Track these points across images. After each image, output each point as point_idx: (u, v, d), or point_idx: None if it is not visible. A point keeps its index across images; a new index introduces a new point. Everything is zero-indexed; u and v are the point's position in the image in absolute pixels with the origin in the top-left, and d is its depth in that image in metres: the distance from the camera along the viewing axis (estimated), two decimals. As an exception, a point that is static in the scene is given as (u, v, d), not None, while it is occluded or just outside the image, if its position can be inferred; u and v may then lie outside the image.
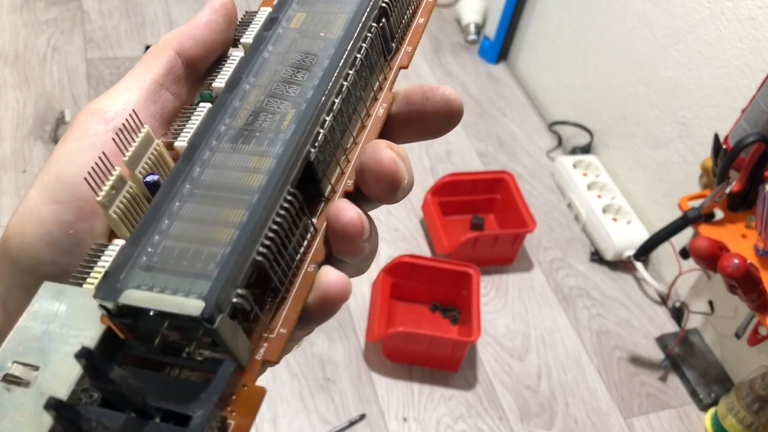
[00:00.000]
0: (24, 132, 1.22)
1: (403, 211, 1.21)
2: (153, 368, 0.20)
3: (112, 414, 0.18)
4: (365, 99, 0.26)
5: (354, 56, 0.25)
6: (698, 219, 0.85)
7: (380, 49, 0.27)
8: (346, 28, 0.25)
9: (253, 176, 0.21)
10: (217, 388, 0.18)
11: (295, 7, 0.26)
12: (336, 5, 0.26)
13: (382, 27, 0.27)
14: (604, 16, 1.23)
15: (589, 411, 0.99)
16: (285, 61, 0.25)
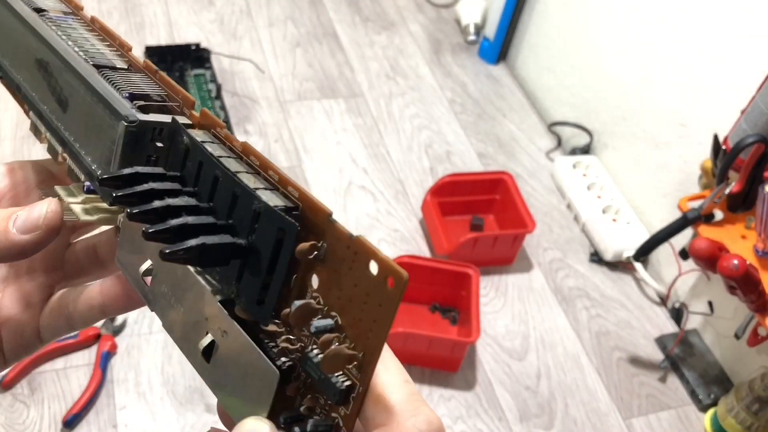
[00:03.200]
0: (24, 132, 1.22)
1: (402, 212, 1.21)
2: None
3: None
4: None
5: (47, 33, 0.29)
6: (698, 220, 0.85)
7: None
8: (32, 37, 0.30)
9: (82, 102, 0.27)
10: (177, 127, 0.25)
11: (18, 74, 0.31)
12: (20, 42, 0.31)
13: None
14: (604, 16, 1.23)
15: (589, 411, 0.99)
16: (38, 81, 0.29)
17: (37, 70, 0.30)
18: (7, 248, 0.26)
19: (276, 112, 1.35)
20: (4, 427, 0.86)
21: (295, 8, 1.60)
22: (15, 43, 0.31)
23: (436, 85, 1.47)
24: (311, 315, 0.21)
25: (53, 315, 0.31)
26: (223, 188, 0.23)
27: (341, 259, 0.20)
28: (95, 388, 0.90)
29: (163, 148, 0.25)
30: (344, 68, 1.47)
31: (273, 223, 0.21)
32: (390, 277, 0.19)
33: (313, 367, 0.21)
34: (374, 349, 0.20)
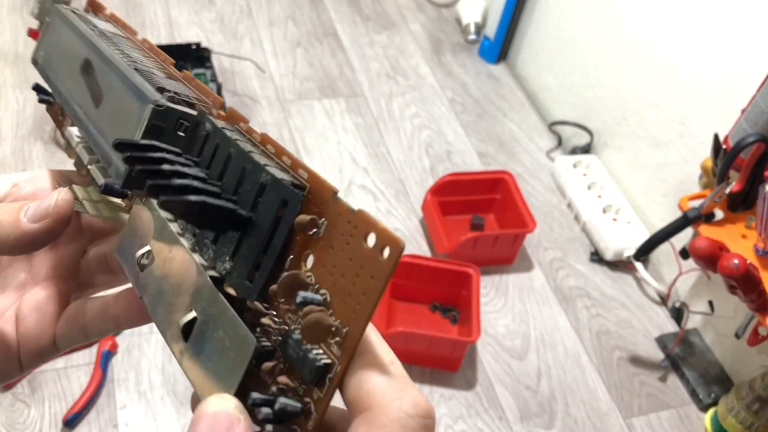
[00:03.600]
0: (24, 132, 1.22)
1: (403, 211, 1.21)
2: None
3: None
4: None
5: (95, 39, 0.31)
6: (698, 219, 0.85)
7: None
8: (81, 43, 0.32)
9: (117, 96, 0.29)
10: (202, 117, 0.26)
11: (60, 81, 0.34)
12: (71, 48, 0.33)
13: None
14: (604, 16, 1.23)
15: (589, 411, 0.99)
16: (78, 79, 0.31)
17: (80, 73, 0.31)
18: (19, 238, 0.26)
19: (276, 111, 1.35)
20: (5, 427, 0.86)
21: (295, 8, 1.60)
22: (67, 55, 0.33)
23: (437, 85, 1.47)
24: (299, 287, 0.21)
25: (69, 324, 0.31)
26: (233, 165, 0.23)
27: (340, 234, 0.20)
28: (96, 388, 0.90)
29: (184, 138, 0.26)
30: (345, 68, 1.47)
31: (277, 193, 0.21)
32: (385, 246, 0.19)
33: (292, 344, 0.20)
34: (359, 324, 0.19)
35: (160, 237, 0.25)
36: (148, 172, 0.22)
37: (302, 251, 0.21)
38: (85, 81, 0.31)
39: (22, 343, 0.30)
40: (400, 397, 0.19)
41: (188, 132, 0.26)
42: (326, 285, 0.20)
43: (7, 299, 0.30)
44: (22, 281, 0.31)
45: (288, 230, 0.21)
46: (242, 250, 0.22)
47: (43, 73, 0.35)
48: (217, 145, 0.24)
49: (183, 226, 0.24)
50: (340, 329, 0.19)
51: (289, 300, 0.21)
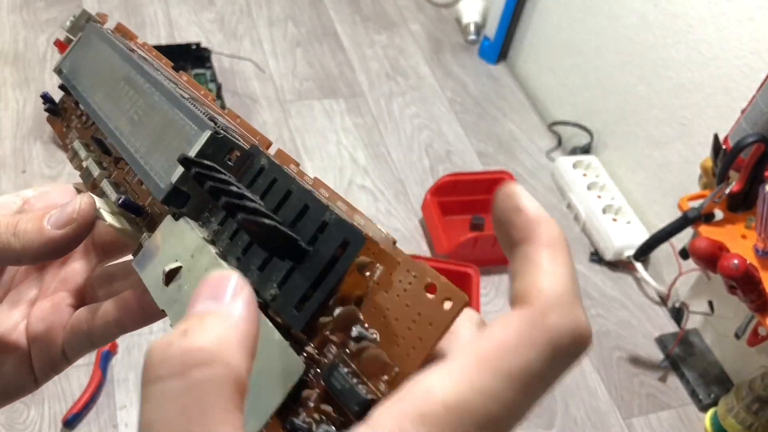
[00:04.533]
0: (24, 132, 1.22)
1: (402, 212, 1.21)
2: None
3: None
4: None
5: (136, 59, 0.33)
6: (698, 219, 0.85)
7: None
8: (122, 62, 0.33)
9: (159, 115, 0.29)
10: (257, 152, 0.26)
11: (91, 96, 0.34)
12: (105, 67, 0.34)
13: None
14: (604, 16, 1.23)
15: (589, 411, 0.99)
16: (117, 99, 0.32)
17: (116, 89, 0.32)
18: (43, 245, 0.26)
19: (276, 111, 1.35)
20: (4, 427, 0.86)
21: (295, 8, 1.60)
22: (101, 70, 0.33)
23: (437, 85, 1.47)
24: (353, 322, 0.21)
25: (74, 333, 0.31)
26: (294, 200, 0.23)
27: (397, 280, 0.20)
28: (95, 388, 0.90)
29: (232, 168, 0.26)
30: (344, 68, 1.47)
31: (340, 232, 0.21)
32: (447, 299, 0.19)
33: (339, 377, 0.20)
34: (411, 366, 0.19)
35: (196, 255, 0.25)
36: (219, 191, 0.22)
37: (351, 291, 0.21)
38: (121, 94, 0.31)
39: (34, 356, 0.31)
40: (565, 311, 0.18)
41: (236, 164, 0.26)
42: (377, 326, 0.21)
43: (20, 314, 0.31)
44: (34, 297, 0.32)
45: (346, 267, 0.21)
46: (293, 280, 0.22)
47: (68, 82, 0.36)
48: (275, 179, 0.24)
49: (225, 249, 0.25)
50: (391, 367, 0.20)
51: (339, 334, 0.21)
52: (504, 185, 0.21)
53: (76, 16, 0.38)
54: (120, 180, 0.32)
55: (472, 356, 0.17)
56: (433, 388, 0.17)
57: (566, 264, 0.20)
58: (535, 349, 0.18)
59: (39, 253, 0.27)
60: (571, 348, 0.19)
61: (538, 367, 0.18)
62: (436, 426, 0.16)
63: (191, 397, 0.17)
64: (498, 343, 0.18)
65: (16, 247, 0.27)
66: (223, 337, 0.18)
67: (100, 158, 0.33)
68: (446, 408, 0.16)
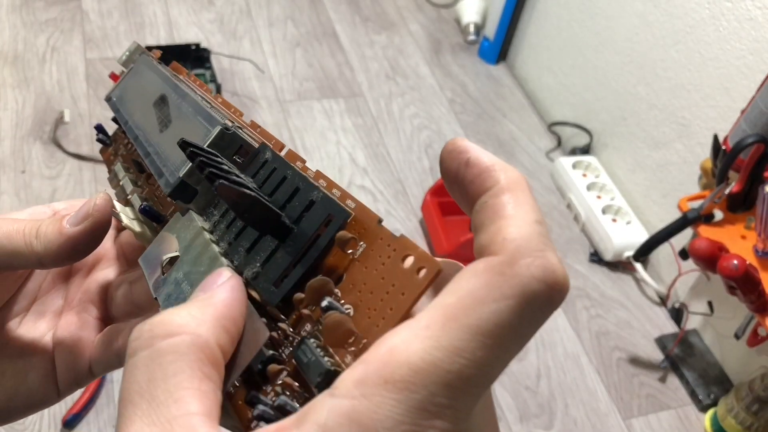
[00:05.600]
0: (23, 132, 1.22)
1: (402, 212, 1.21)
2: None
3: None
4: None
5: (172, 81, 0.34)
6: (698, 220, 0.85)
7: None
8: (159, 81, 0.35)
9: (183, 121, 0.30)
10: (264, 148, 0.27)
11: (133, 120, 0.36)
12: (147, 90, 0.36)
13: None
14: (604, 17, 1.23)
15: (589, 411, 0.99)
16: (150, 113, 0.33)
17: (153, 105, 0.33)
18: (63, 244, 0.27)
19: (276, 111, 1.35)
20: (4, 427, 0.86)
21: (295, 8, 1.60)
22: (144, 93, 0.35)
23: (436, 85, 1.47)
24: (326, 293, 0.21)
25: (103, 348, 0.31)
26: (287, 184, 0.24)
27: (377, 255, 0.20)
28: (95, 388, 0.90)
29: (240, 164, 0.27)
30: (344, 68, 1.47)
31: (324, 209, 0.22)
32: (421, 268, 0.19)
33: (306, 348, 0.20)
34: (379, 335, 0.19)
35: (192, 243, 0.25)
36: (207, 165, 0.23)
37: (332, 268, 0.21)
38: (155, 110, 0.33)
39: (59, 369, 0.30)
40: (535, 256, 0.17)
41: (246, 160, 0.27)
42: (351, 300, 0.20)
43: (45, 325, 0.31)
44: (59, 307, 0.32)
45: (326, 245, 0.21)
46: (275, 258, 0.22)
47: (114, 108, 0.37)
48: (274, 169, 0.25)
49: (219, 236, 0.25)
50: (359, 338, 0.19)
51: (313, 307, 0.21)
52: (448, 142, 0.20)
53: (130, 50, 0.40)
54: (150, 195, 0.33)
55: (439, 312, 0.16)
56: (397, 349, 0.16)
57: (530, 206, 0.18)
58: (506, 300, 0.16)
59: (60, 253, 0.27)
60: (544, 295, 0.17)
61: (509, 319, 0.16)
62: (402, 388, 0.15)
63: (156, 364, 0.17)
64: (464, 296, 0.16)
65: (38, 250, 0.27)
66: (196, 314, 0.19)
67: (136, 177, 0.34)
68: (411, 369, 0.15)
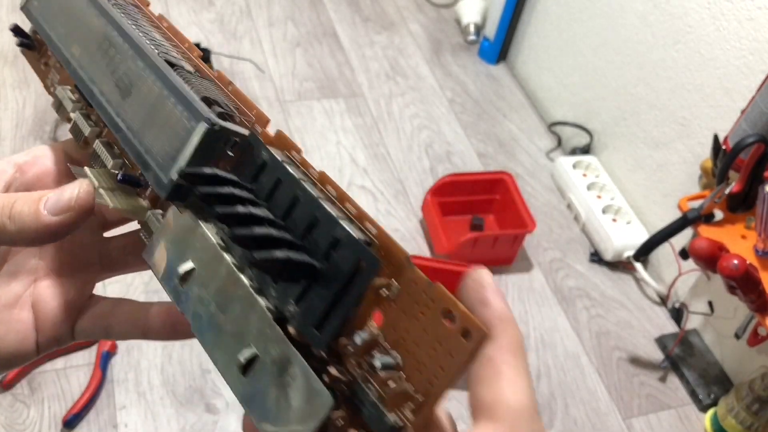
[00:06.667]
0: (23, 132, 1.22)
1: (402, 212, 1.21)
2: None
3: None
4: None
5: (117, 16, 0.29)
6: (698, 219, 0.85)
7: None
8: (98, 16, 0.30)
9: (151, 91, 0.27)
10: (257, 142, 0.25)
11: (67, 48, 0.31)
12: (81, 19, 0.30)
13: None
14: (604, 17, 1.23)
15: (589, 411, 0.99)
16: (97, 59, 0.29)
17: (97, 49, 0.29)
18: (40, 230, 0.26)
19: (276, 112, 1.35)
20: (4, 427, 0.86)
21: (295, 8, 1.60)
22: (75, 19, 0.31)
23: (436, 85, 1.47)
24: (374, 348, 0.21)
25: (93, 321, 0.31)
26: (301, 210, 0.23)
27: (414, 302, 0.20)
28: (95, 388, 0.90)
29: (233, 158, 0.26)
30: (344, 68, 1.47)
31: (353, 254, 0.21)
32: (466, 331, 0.19)
33: (369, 406, 0.20)
34: (435, 396, 0.20)
35: (212, 264, 0.24)
36: (224, 217, 0.22)
37: (370, 309, 0.21)
38: (101, 56, 0.29)
39: (40, 329, 0.30)
40: (530, 428, 0.20)
41: (237, 151, 0.26)
42: (399, 349, 0.21)
43: (21, 285, 0.30)
44: (34, 266, 0.31)
45: (363, 291, 0.21)
46: (311, 298, 0.22)
47: (40, 27, 0.32)
48: (279, 180, 0.24)
49: (240, 262, 0.24)
50: (416, 398, 0.20)
51: (361, 356, 0.21)
52: (474, 271, 0.22)
53: None
54: (112, 140, 0.30)
55: None
56: None
57: (526, 373, 0.21)
58: None
59: (35, 237, 0.26)
60: None
61: None
62: None
63: None
64: None
65: (11, 230, 0.26)
66: None
67: (87, 111, 0.31)
68: None
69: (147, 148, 0.26)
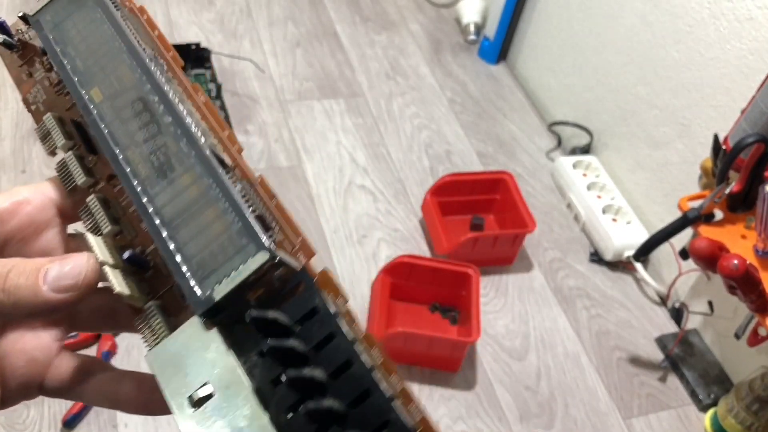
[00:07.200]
0: (23, 132, 1.22)
1: (402, 212, 1.21)
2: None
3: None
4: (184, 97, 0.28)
5: (159, 78, 0.27)
6: (698, 219, 0.85)
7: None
8: (133, 69, 0.27)
9: (195, 185, 0.24)
10: (310, 283, 0.23)
11: (86, 89, 0.28)
12: (109, 63, 0.28)
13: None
14: (604, 16, 1.23)
15: (589, 411, 0.99)
16: (126, 119, 0.26)
17: (127, 107, 0.26)
18: (39, 306, 0.23)
19: (276, 111, 1.35)
20: (4, 427, 0.86)
21: (295, 8, 1.60)
22: (101, 61, 0.27)
23: (436, 85, 1.47)
24: None
25: (62, 382, 0.28)
26: (353, 378, 0.22)
27: None
28: (95, 388, 0.90)
29: (274, 287, 0.24)
30: (344, 68, 1.47)
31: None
32: None
33: None
34: None
35: (232, 388, 0.23)
36: (291, 379, 0.22)
37: None
38: (134, 118, 0.26)
39: (5, 383, 0.27)
40: None
41: (283, 283, 0.24)
42: None
43: None
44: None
45: None
46: None
47: (50, 49, 0.29)
48: (331, 335, 0.22)
49: (265, 395, 0.22)
50: None
51: None
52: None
53: None
54: (110, 196, 0.27)
55: None
56: None
57: None
58: None
59: (30, 313, 0.24)
60: None
61: None
62: None
63: None
64: None
65: (6, 304, 0.23)
66: None
67: (82, 153, 0.28)
68: None
69: (178, 245, 0.24)
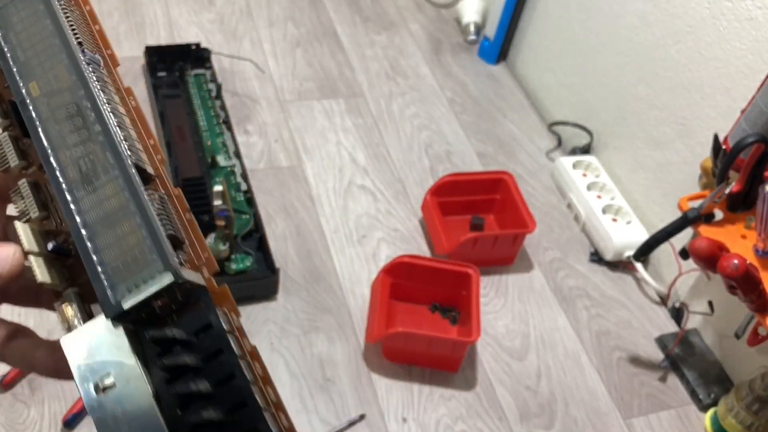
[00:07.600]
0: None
1: (402, 212, 1.21)
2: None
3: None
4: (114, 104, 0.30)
5: (94, 84, 0.28)
6: (698, 219, 0.85)
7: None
8: (70, 71, 0.28)
9: (116, 197, 0.26)
10: (208, 300, 0.26)
11: (25, 82, 0.28)
12: (48, 60, 0.28)
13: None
14: (604, 16, 1.23)
15: (589, 411, 0.99)
16: (60, 120, 0.27)
17: (61, 107, 0.27)
18: None
19: (276, 111, 1.35)
20: (4, 427, 0.86)
21: (295, 8, 1.60)
22: (40, 56, 0.28)
23: (436, 85, 1.47)
24: None
25: None
26: (234, 388, 0.25)
27: None
28: (95, 388, 0.90)
29: (178, 300, 0.26)
30: (344, 68, 1.47)
31: None
32: None
33: None
34: None
35: (132, 382, 0.25)
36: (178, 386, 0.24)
37: None
38: (66, 125, 0.27)
39: None
40: None
41: (185, 297, 0.26)
42: None
43: None
44: None
45: None
46: None
47: None
48: (220, 351, 0.25)
49: (166, 409, 0.25)
50: None
51: None
52: None
53: None
54: (41, 180, 0.28)
55: None
56: None
57: None
58: None
59: None
60: None
61: None
62: None
63: None
64: None
65: None
66: None
67: (17, 134, 0.29)
68: None
69: (96, 249, 0.25)
